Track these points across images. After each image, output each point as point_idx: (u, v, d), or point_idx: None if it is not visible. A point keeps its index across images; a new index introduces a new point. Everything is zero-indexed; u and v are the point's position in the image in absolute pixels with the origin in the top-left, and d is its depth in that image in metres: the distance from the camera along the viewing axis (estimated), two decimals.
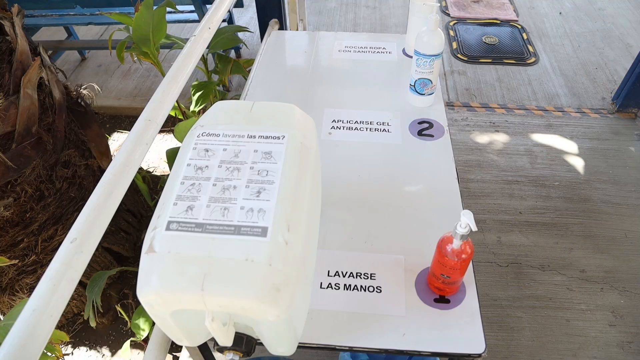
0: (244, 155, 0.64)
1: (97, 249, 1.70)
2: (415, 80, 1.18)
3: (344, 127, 1.16)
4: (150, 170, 2.19)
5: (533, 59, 2.77)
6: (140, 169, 2.13)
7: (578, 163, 2.07)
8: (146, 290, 0.55)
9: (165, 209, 0.59)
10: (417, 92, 1.20)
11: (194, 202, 0.60)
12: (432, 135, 1.14)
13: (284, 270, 0.55)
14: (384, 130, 1.15)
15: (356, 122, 1.18)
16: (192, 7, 2.29)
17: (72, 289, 0.62)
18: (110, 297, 1.69)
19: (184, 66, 0.96)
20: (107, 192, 0.70)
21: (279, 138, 0.66)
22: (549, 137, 2.21)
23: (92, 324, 1.43)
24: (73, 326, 1.63)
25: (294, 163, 0.63)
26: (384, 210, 0.96)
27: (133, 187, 1.85)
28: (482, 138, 2.20)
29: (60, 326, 1.64)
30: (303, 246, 0.60)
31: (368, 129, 1.16)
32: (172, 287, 0.54)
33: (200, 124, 0.70)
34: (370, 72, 1.37)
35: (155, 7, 1.49)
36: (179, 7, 2.31)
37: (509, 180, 1.97)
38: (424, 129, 1.16)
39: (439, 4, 3.35)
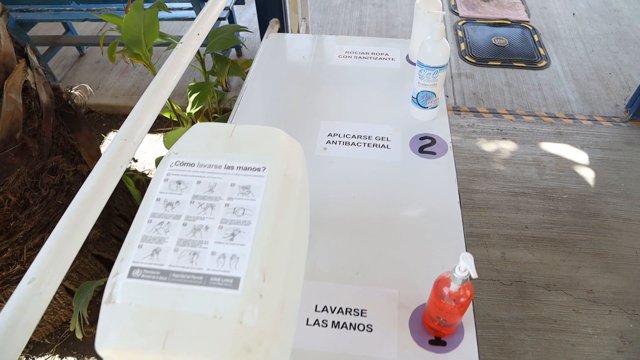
0: (220, 189, 0.58)
1: (86, 256, 1.65)
2: (418, 93, 1.10)
3: (340, 142, 1.09)
4: (146, 172, 2.14)
5: (544, 63, 2.67)
6: (135, 171, 2.08)
7: (588, 175, 1.98)
8: (104, 346, 0.49)
9: (129, 252, 0.53)
10: (419, 105, 1.12)
11: (161, 244, 0.53)
12: (434, 153, 1.07)
13: (257, 327, 0.49)
14: (383, 146, 1.08)
15: (354, 136, 1.11)
16: (190, 5, 2.22)
17: (28, 337, 0.56)
18: (99, 305, 1.65)
19: (167, 77, 0.90)
20: (73, 223, 0.65)
21: (259, 170, 0.60)
22: (558, 146, 2.12)
23: (79, 335, 1.39)
24: (61, 335, 1.59)
25: (275, 200, 0.57)
26: (379, 236, 0.89)
27: (125, 191, 1.80)
28: (489, 146, 2.12)
29: (47, 335, 1.60)
30: (281, 296, 0.53)
31: (366, 144, 1.09)
32: (131, 345, 0.48)
33: (175, 151, 0.63)
34: (371, 81, 1.29)
35: (149, 5, 1.43)
36: (177, 5, 2.23)
37: (515, 192, 1.89)
38: (425, 145, 1.09)
39: (447, 6, 3.25)
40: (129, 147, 0.76)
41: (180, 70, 0.94)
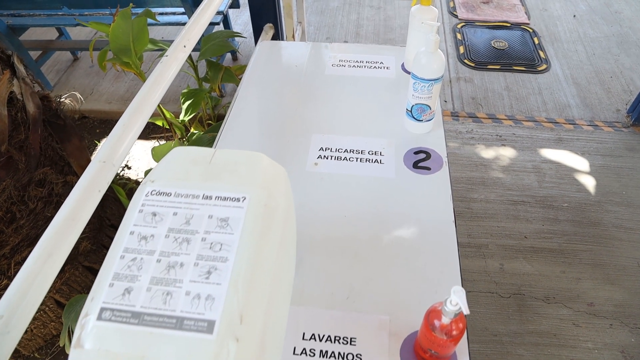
0: (196, 222, 0.55)
1: (77, 269, 1.61)
2: (412, 106, 1.07)
3: (332, 157, 1.06)
4: (139, 180, 2.11)
5: (544, 66, 2.63)
6: (128, 179, 2.05)
7: (589, 182, 1.95)
8: None
9: (100, 291, 0.50)
10: (414, 118, 1.09)
11: (133, 283, 0.50)
12: (428, 168, 1.03)
13: None
14: (376, 161, 1.05)
15: (346, 150, 1.08)
16: (183, 9, 2.19)
17: None
18: None
19: (151, 94, 0.87)
20: (46, 253, 0.62)
21: (238, 200, 0.57)
22: (558, 153, 2.09)
23: (68, 351, 1.36)
24: (51, 349, 1.56)
25: (255, 233, 0.54)
26: (370, 258, 0.86)
27: (118, 201, 1.77)
28: (488, 153, 2.09)
29: (37, 348, 1.58)
30: (261, 337, 0.50)
31: (358, 159, 1.05)
32: None
33: (151, 179, 0.60)
34: (366, 91, 1.26)
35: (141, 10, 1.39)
36: (170, 9, 2.20)
37: (514, 201, 1.86)
38: (420, 159, 1.06)
39: (446, 7, 3.21)
40: (108, 169, 0.73)
41: (164, 86, 0.91)
